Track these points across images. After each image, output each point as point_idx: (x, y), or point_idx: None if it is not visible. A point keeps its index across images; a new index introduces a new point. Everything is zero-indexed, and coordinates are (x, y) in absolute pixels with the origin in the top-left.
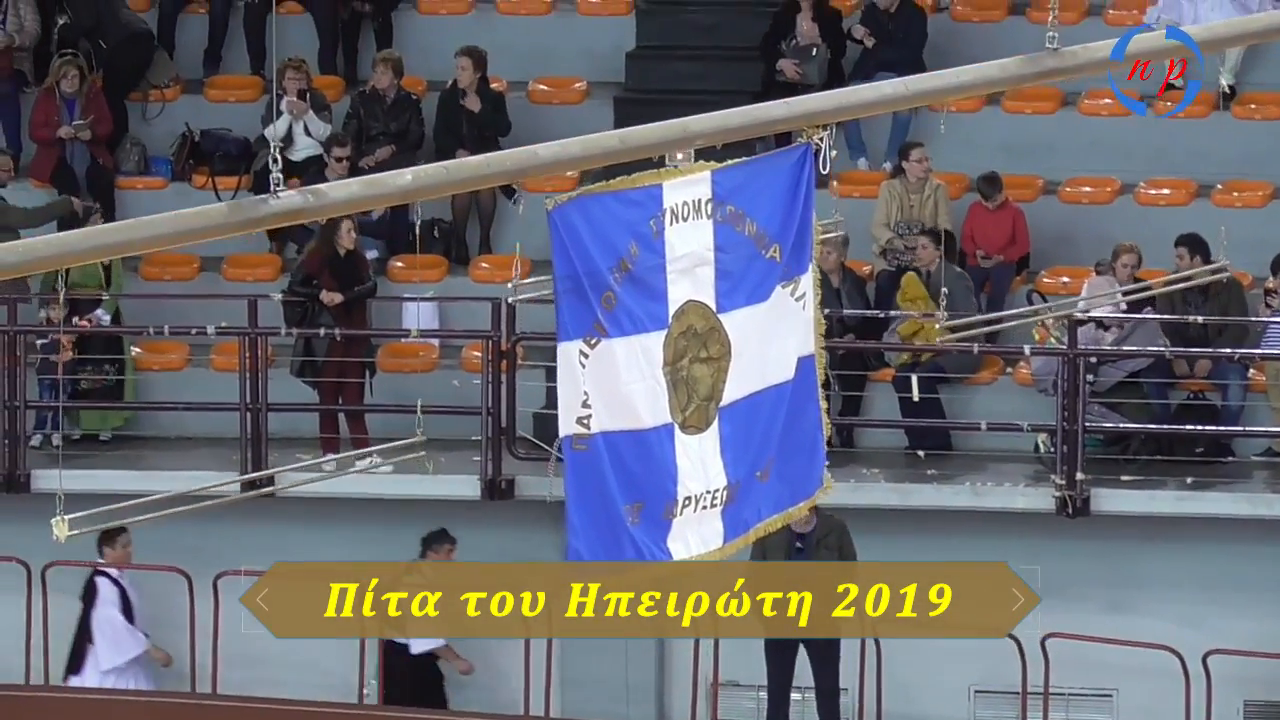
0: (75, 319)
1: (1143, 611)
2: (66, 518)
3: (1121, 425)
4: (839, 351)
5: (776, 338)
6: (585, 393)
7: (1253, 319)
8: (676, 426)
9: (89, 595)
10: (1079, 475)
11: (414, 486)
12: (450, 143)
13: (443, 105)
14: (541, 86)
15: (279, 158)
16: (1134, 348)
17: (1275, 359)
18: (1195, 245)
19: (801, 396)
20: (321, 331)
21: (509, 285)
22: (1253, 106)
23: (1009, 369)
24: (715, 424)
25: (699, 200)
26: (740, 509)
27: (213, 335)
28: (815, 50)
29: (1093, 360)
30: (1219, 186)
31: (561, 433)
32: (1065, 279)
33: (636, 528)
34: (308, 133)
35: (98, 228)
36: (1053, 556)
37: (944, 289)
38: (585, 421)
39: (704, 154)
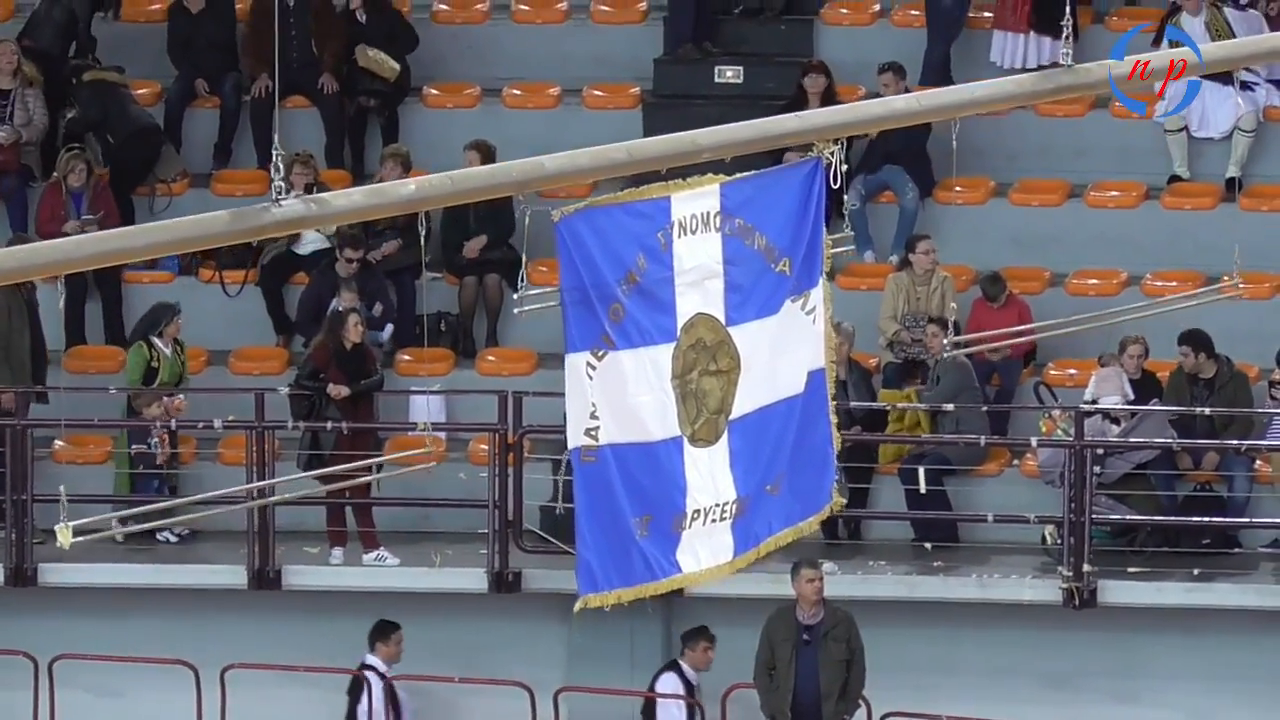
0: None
1: (1150, 703)
2: (70, 525)
3: (1128, 517)
4: (845, 444)
5: (786, 351)
6: (593, 404)
7: (1259, 410)
8: (685, 439)
9: (355, 690)
10: (1086, 567)
11: (421, 580)
12: (457, 236)
13: None
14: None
15: (279, 165)
16: (1141, 439)
17: None
18: (1199, 343)
19: (813, 410)
20: (329, 425)
21: (514, 296)
22: (1259, 198)
23: (1016, 461)
24: (725, 437)
25: (707, 213)
26: (750, 522)
27: (220, 429)
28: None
29: (1100, 452)
30: (1225, 278)
31: (570, 444)
32: (1072, 371)
33: (646, 540)
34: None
35: (98, 234)
36: (1060, 648)
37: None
38: (594, 433)
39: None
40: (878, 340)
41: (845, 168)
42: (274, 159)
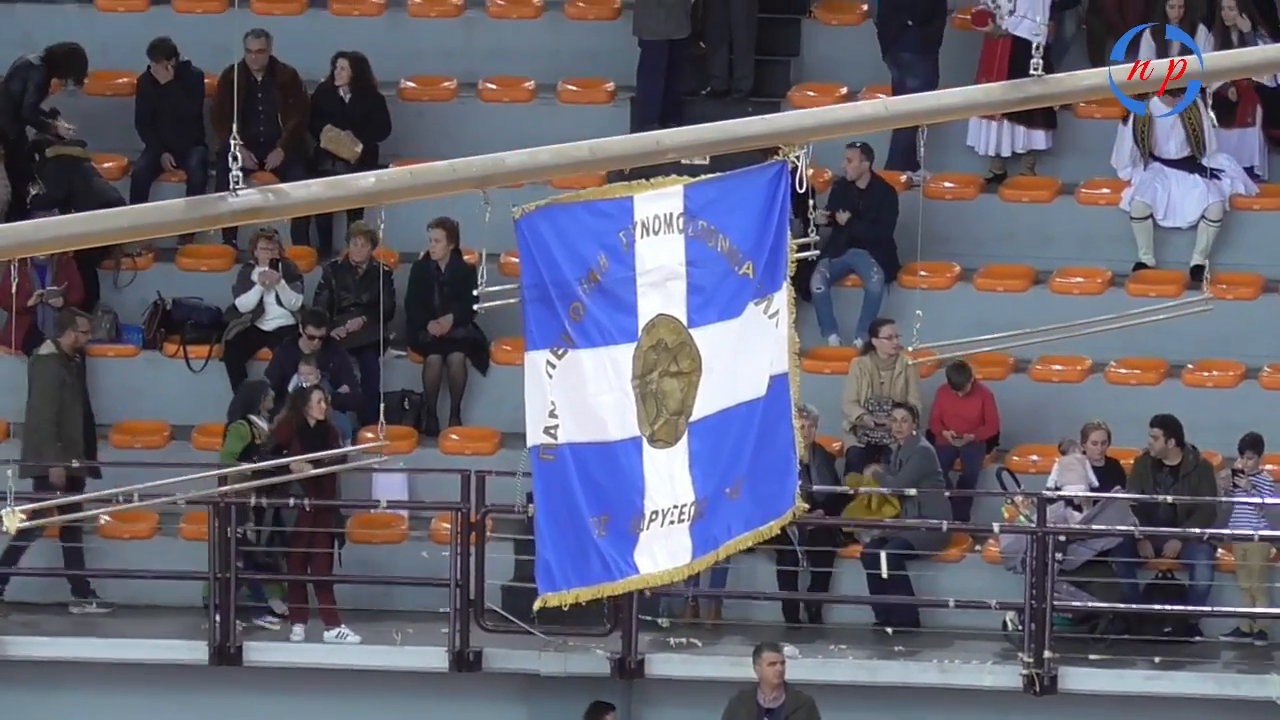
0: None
1: None
2: (18, 509)
3: (1090, 604)
4: (808, 527)
5: (748, 354)
6: (552, 403)
7: (1222, 499)
8: (645, 440)
9: None
10: (1047, 653)
11: (382, 658)
12: (422, 314)
13: (415, 276)
14: (514, 259)
15: (237, 154)
16: (1103, 526)
17: (1244, 539)
18: (1170, 428)
19: (774, 415)
20: (291, 501)
21: (475, 293)
22: (1224, 286)
23: (978, 546)
24: (684, 439)
25: (670, 214)
26: (709, 525)
27: (182, 505)
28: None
29: (1062, 538)
30: (1190, 365)
31: (529, 442)
32: (1035, 457)
33: (603, 539)
34: (279, 302)
35: (57, 219)
36: None
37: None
38: (553, 431)
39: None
40: (841, 424)
41: (810, 172)
42: (232, 148)
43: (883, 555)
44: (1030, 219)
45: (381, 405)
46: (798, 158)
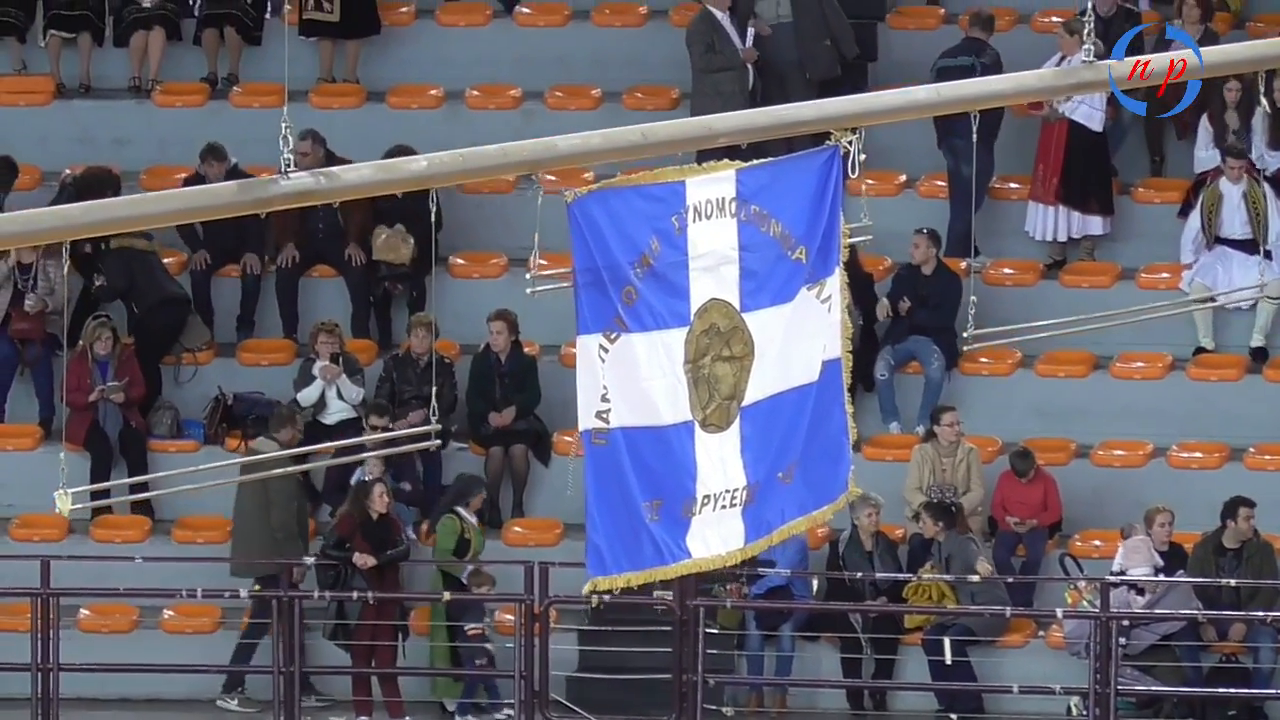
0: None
1: None
2: (69, 491)
3: (1154, 688)
4: (871, 614)
5: (801, 339)
6: (605, 387)
7: None
8: (697, 424)
9: None
10: None
11: None
12: (482, 406)
13: (475, 368)
14: (574, 350)
15: (288, 137)
16: (1166, 611)
17: None
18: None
19: (827, 399)
20: (355, 595)
21: (526, 276)
22: None
23: (1041, 631)
24: (736, 423)
25: (723, 199)
26: (762, 510)
27: (246, 598)
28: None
29: (1125, 623)
30: (1251, 449)
31: (580, 426)
32: (1098, 542)
33: (656, 524)
34: (340, 396)
35: (103, 201)
36: None
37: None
38: (605, 416)
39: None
40: (904, 511)
41: (863, 157)
42: (283, 131)
43: (946, 641)
44: (1090, 304)
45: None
46: (850, 143)
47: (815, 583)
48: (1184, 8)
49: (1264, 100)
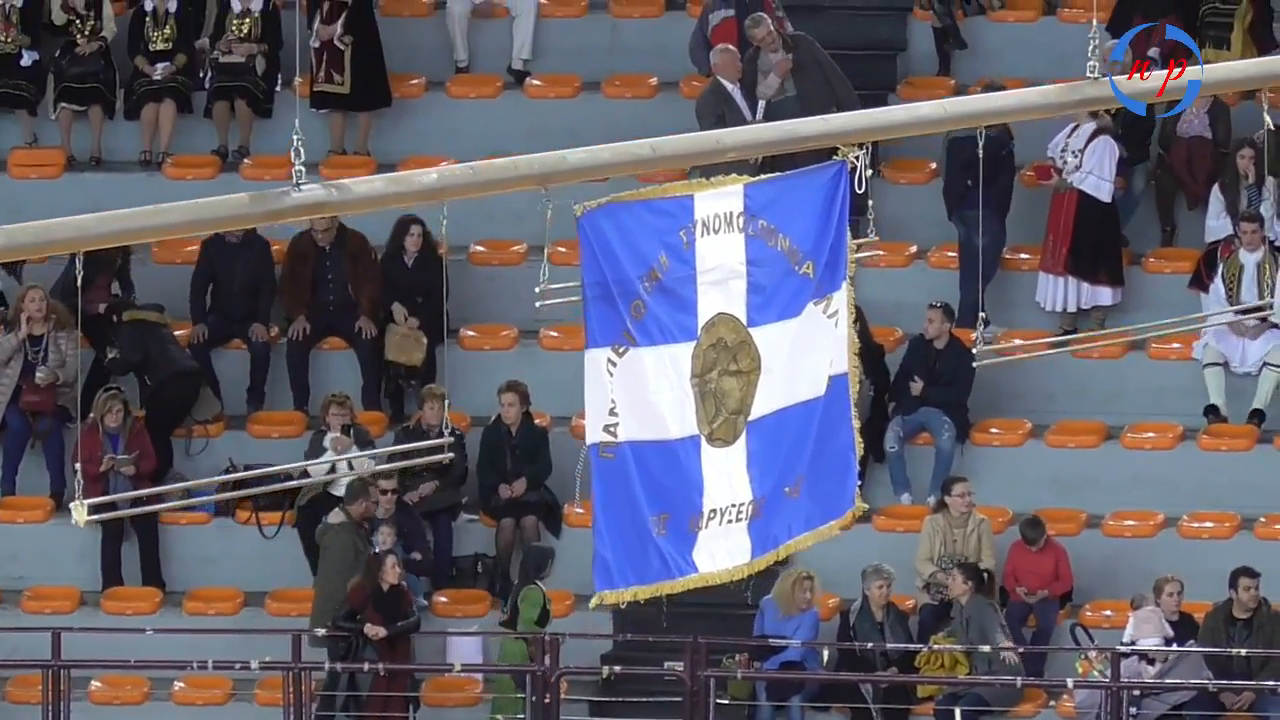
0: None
1: None
2: (85, 502)
3: None
4: (882, 685)
5: (808, 354)
6: (613, 400)
7: None
8: (703, 439)
9: None
10: None
11: None
12: (493, 477)
13: (486, 440)
14: (584, 421)
15: (300, 150)
16: (1177, 681)
17: None
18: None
19: (834, 415)
20: (366, 666)
21: (536, 289)
22: None
23: (1052, 701)
24: (743, 438)
25: (731, 213)
26: (768, 524)
27: (256, 670)
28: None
29: (1136, 693)
30: (1262, 519)
31: (589, 440)
32: (1109, 612)
33: (663, 539)
34: (351, 468)
35: (120, 212)
36: None
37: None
38: (613, 430)
39: None
40: (914, 582)
41: (869, 172)
42: (294, 144)
43: (957, 712)
44: (1100, 374)
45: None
46: (857, 158)
47: (826, 653)
48: None
49: (1267, 118)
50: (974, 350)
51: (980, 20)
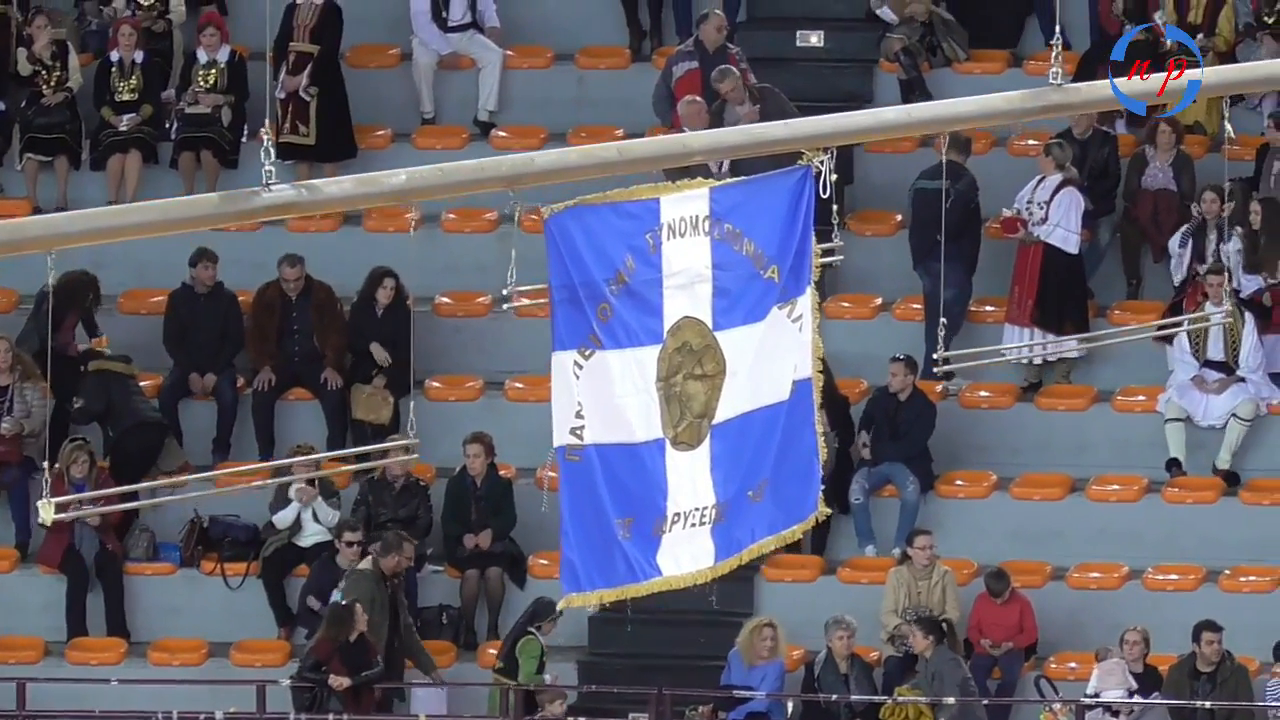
0: None
1: None
2: (52, 501)
3: None
4: None
5: (772, 358)
6: (579, 403)
7: (1259, 704)
8: (668, 442)
9: None
10: None
11: None
12: (458, 529)
13: (451, 491)
14: (550, 473)
15: (270, 150)
16: None
17: None
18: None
19: (797, 420)
20: (330, 717)
21: (503, 292)
22: (1260, 492)
23: None
24: (707, 441)
25: (696, 217)
26: (731, 529)
27: (222, 718)
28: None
29: None
30: (1227, 572)
31: (555, 442)
32: (1073, 664)
33: (628, 542)
34: (316, 519)
35: (89, 211)
36: None
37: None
38: (579, 432)
39: None
40: (879, 634)
41: (834, 177)
42: (265, 143)
43: None
44: (1065, 427)
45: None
46: (821, 162)
47: (791, 705)
48: (1157, 134)
49: (1229, 125)
50: (936, 370)
51: (946, 72)
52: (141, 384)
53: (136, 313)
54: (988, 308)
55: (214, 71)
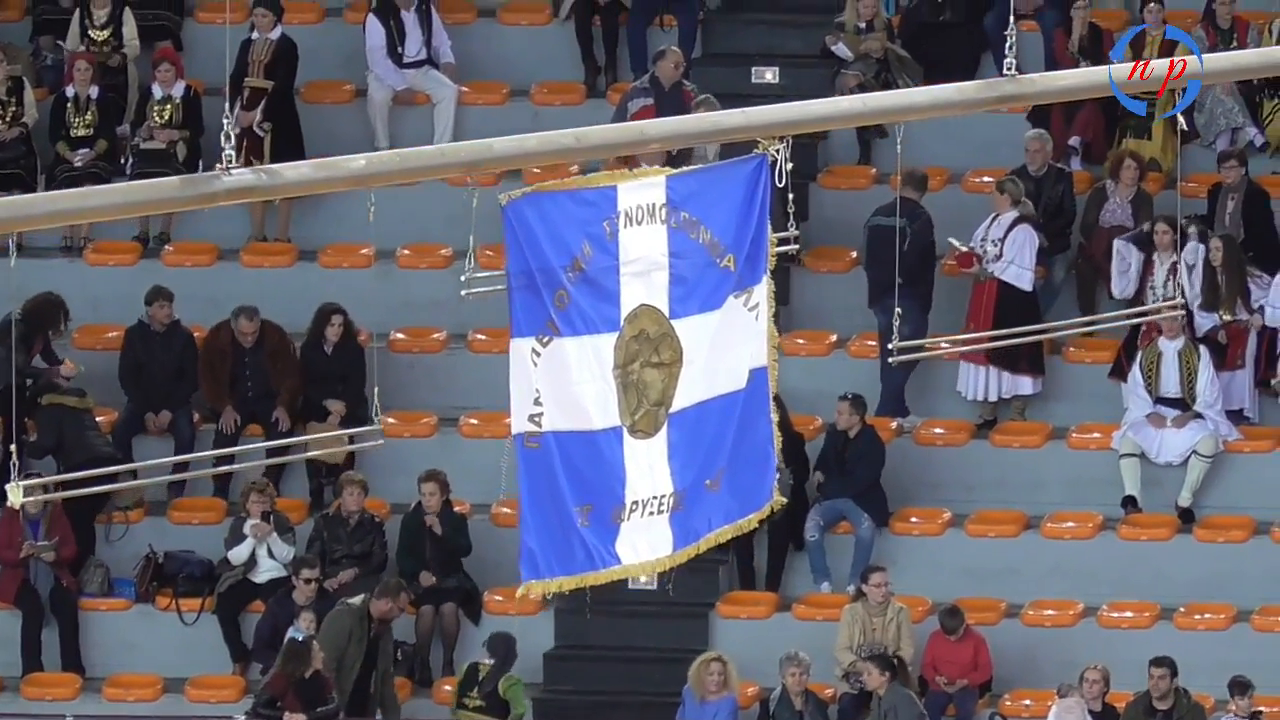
0: None
1: None
2: (21, 484)
3: None
4: None
5: (728, 347)
6: (537, 390)
7: None
8: (625, 430)
9: None
10: None
11: None
12: (413, 565)
13: (406, 528)
14: (504, 510)
15: (230, 134)
16: None
17: None
18: (1173, 668)
19: (753, 409)
20: None
21: (461, 278)
22: (1214, 529)
23: None
24: (664, 430)
25: (653, 205)
26: (689, 517)
27: None
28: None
29: None
30: (1181, 609)
31: (514, 430)
32: (1028, 702)
33: (586, 529)
34: (271, 555)
35: (54, 193)
36: None
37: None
38: (537, 419)
39: None
40: (834, 670)
41: (789, 166)
42: (225, 128)
43: None
44: (1020, 464)
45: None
46: (777, 151)
47: None
48: (1120, 170)
49: (1181, 119)
50: (890, 347)
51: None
52: (97, 419)
53: (93, 348)
54: (943, 344)
55: (169, 107)
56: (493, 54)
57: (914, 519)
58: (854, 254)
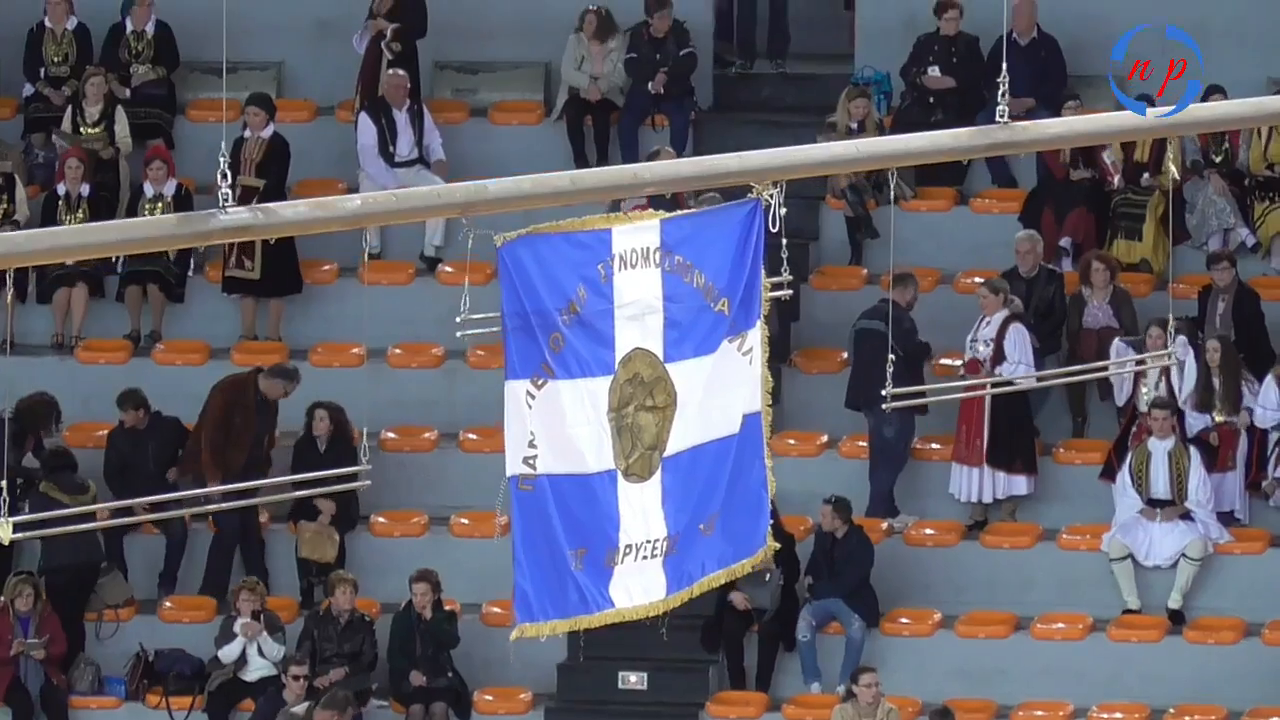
0: None
1: None
2: (9, 521)
3: None
4: None
5: (722, 391)
6: (531, 433)
7: None
8: (619, 473)
9: None
10: None
11: None
12: (404, 664)
13: (397, 626)
14: (495, 609)
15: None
16: None
17: None
18: None
19: (747, 453)
20: None
21: (457, 319)
22: (1205, 630)
23: None
24: (658, 473)
25: (647, 248)
26: (683, 562)
27: None
28: (768, 575)
29: None
30: (1171, 711)
31: (508, 472)
32: None
33: (580, 573)
34: (261, 653)
35: (54, 229)
36: None
37: None
38: (531, 462)
39: None
40: None
41: (783, 210)
42: (221, 165)
43: None
44: (1011, 565)
45: None
46: (771, 196)
47: None
48: (1090, 274)
49: (1173, 168)
50: (885, 407)
51: (893, 209)
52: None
53: (84, 446)
54: (933, 445)
55: (160, 204)
56: (484, 153)
57: (904, 619)
58: (844, 355)
